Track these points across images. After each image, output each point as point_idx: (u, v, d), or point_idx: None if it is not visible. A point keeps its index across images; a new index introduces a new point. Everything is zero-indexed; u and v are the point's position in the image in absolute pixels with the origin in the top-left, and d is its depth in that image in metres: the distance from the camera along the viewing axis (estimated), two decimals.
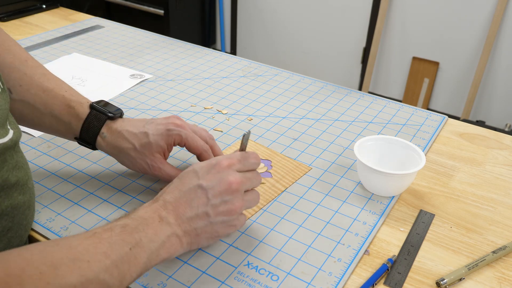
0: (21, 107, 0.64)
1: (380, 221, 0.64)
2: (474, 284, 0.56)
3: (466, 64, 2.40)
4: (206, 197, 0.52)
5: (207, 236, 0.53)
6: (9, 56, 0.64)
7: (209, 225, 0.52)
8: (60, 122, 0.65)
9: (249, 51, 3.11)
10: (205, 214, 0.52)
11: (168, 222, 0.50)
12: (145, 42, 1.22)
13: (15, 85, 0.63)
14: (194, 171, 0.54)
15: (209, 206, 0.52)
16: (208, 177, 0.53)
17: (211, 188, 0.52)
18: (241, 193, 0.53)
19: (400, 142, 0.71)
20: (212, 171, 0.53)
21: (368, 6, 2.55)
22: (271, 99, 0.95)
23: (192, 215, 0.51)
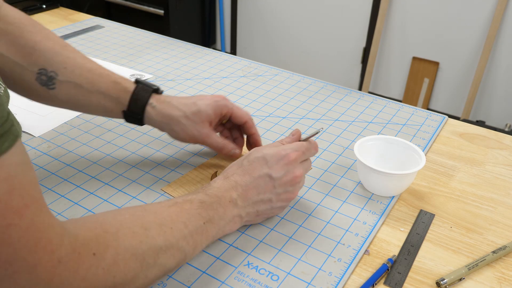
0: (68, 88, 0.66)
1: (380, 221, 0.64)
2: (474, 284, 0.56)
3: (466, 64, 2.40)
4: (273, 186, 0.58)
5: (264, 216, 0.61)
6: (49, 42, 0.66)
7: (269, 209, 0.60)
8: (108, 97, 0.67)
9: (249, 51, 3.11)
10: (269, 200, 0.58)
11: (236, 204, 0.56)
12: (145, 42, 1.22)
13: (59, 68, 0.65)
14: (264, 158, 0.59)
15: (273, 193, 0.58)
16: (277, 167, 0.58)
17: (278, 178, 0.58)
18: (301, 183, 0.61)
19: (400, 142, 0.71)
20: (281, 162, 0.58)
21: (368, 6, 2.54)
22: (271, 99, 0.95)
23: (258, 200, 0.58)
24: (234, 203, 0.56)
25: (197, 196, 0.54)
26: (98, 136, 0.81)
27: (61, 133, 0.81)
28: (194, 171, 0.73)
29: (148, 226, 0.47)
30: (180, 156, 0.76)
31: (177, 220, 0.50)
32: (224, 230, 0.56)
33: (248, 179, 0.58)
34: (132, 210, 0.49)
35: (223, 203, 0.55)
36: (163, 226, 0.48)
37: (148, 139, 0.80)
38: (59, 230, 0.38)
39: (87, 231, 0.42)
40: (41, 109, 0.88)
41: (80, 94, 0.67)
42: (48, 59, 0.65)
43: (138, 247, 0.44)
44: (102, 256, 0.41)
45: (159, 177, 0.71)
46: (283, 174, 0.58)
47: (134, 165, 0.74)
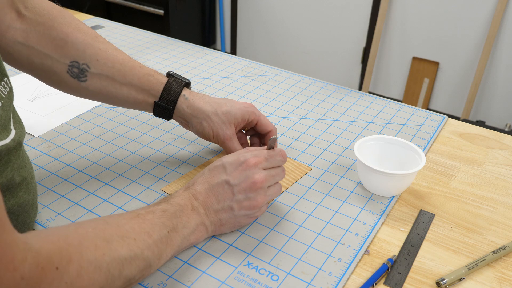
0: (99, 81, 0.66)
1: (380, 221, 0.64)
2: (474, 284, 0.56)
3: (466, 64, 2.40)
4: (232, 193, 0.57)
5: (229, 226, 0.59)
6: (80, 34, 0.66)
7: (232, 217, 0.58)
8: (140, 89, 0.67)
9: (249, 51, 3.11)
10: (229, 207, 0.57)
11: (198, 212, 0.56)
12: (145, 42, 1.22)
13: (92, 60, 0.66)
14: (223, 166, 0.58)
15: (234, 201, 0.57)
16: (235, 174, 0.57)
17: (237, 185, 0.57)
18: (264, 189, 0.58)
19: (400, 142, 0.71)
20: (239, 168, 0.57)
21: (368, 6, 2.54)
22: (271, 99, 0.95)
23: (219, 208, 0.57)
24: (197, 211, 0.56)
25: (159, 206, 0.54)
26: (98, 136, 0.81)
27: (61, 133, 0.81)
28: (194, 171, 0.73)
29: (111, 238, 0.46)
30: (180, 156, 0.76)
31: (140, 231, 0.49)
32: (189, 239, 0.55)
33: (207, 186, 0.57)
34: (93, 224, 0.48)
35: (185, 211, 0.54)
36: (126, 238, 0.47)
37: (148, 139, 0.80)
38: (22, 246, 0.37)
39: (50, 244, 0.41)
40: (41, 109, 0.88)
41: (112, 86, 0.67)
42: (80, 51, 0.65)
43: (101, 259, 0.44)
44: (65, 270, 0.40)
45: (159, 177, 0.71)
46: (242, 180, 0.57)
47: (134, 165, 0.74)
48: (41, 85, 0.97)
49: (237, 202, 0.57)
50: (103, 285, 0.44)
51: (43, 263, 0.38)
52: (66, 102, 0.91)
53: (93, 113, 0.87)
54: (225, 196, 0.57)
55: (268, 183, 0.59)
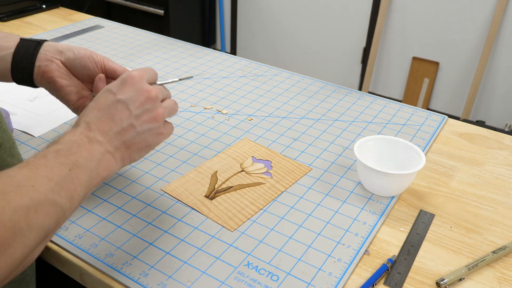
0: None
1: (380, 221, 0.64)
2: (474, 284, 0.56)
3: (466, 64, 2.40)
4: (128, 109, 0.52)
5: (138, 148, 0.54)
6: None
7: (137, 136, 0.53)
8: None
9: (249, 51, 3.11)
10: (130, 125, 0.52)
11: (97, 140, 0.50)
12: (145, 42, 1.22)
13: None
14: (107, 89, 0.54)
15: (132, 117, 0.53)
16: (125, 90, 0.53)
17: (130, 99, 0.53)
18: (159, 100, 0.55)
19: (400, 142, 0.71)
20: (126, 84, 0.54)
21: (368, 6, 2.54)
22: (271, 99, 0.95)
23: (118, 129, 0.52)
24: (95, 140, 0.50)
25: (49, 149, 0.47)
26: None
27: (61, 133, 0.81)
28: (194, 171, 0.73)
29: (4, 190, 0.41)
30: (180, 156, 0.76)
31: (36, 176, 0.43)
32: (99, 172, 0.49)
33: (97, 113, 0.52)
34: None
35: (82, 145, 0.48)
36: (22, 187, 0.42)
37: None
38: None
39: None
40: (41, 109, 0.88)
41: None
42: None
43: (2, 213, 0.39)
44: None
45: (159, 177, 0.71)
46: (134, 93, 0.53)
47: (134, 165, 0.74)
48: None
49: (136, 118, 0.53)
50: (10, 240, 0.39)
51: None
52: None
53: None
54: (122, 115, 0.52)
55: (160, 94, 0.56)
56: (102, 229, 0.61)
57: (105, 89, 0.54)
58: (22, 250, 0.40)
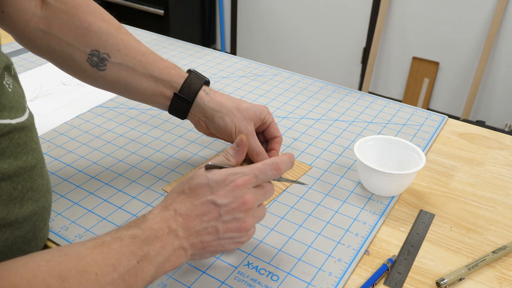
0: (118, 70, 0.66)
1: (380, 221, 0.64)
2: (474, 284, 0.56)
3: (466, 64, 2.40)
4: (218, 213, 0.50)
5: (211, 250, 0.52)
6: (103, 24, 0.66)
7: (216, 240, 0.51)
8: (160, 81, 0.66)
9: (249, 51, 3.11)
10: (214, 229, 0.50)
11: (176, 235, 0.48)
12: (145, 42, 1.21)
13: (113, 50, 0.65)
14: (208, 185, 0.51)
15: (219, 221, 0.50)
16: (222, 193, 0.51)
17: (224, 205, 0.50)
18: (253, 210, 0.52)
19: (400, 142, 0.71)
20: (226, 187, 0.51)
21: (368, 6, 2.54)
22: (271, 99, 0.95)
23: (201, 229, 0.50)
24: (175, 234, 0.48)
25: (128, 231, 0.46)
26: (98, 136, 0.81)
27: (61, 133, 0.81)
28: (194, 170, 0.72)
29: (66, 275, 0.39)
30: (180, 156, 0.76)
31: (103, 262, 0.42)
32: (164, 267, 0.47)
33: (189, 206, 0.50)
34: (48, 256, 0.41)
35: (160, 236, 0.47)
36: (85, 273, 0.40)
37: (148, 139, 0.80)
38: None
39: None
40: (41, 109, 0.88)
41: (131, 76, 0.66)
42: (102, 40, 0.64)
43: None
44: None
45: (159, 177, 0.71)
46: (231, 200, 0.50)
47: (134, 165, 0.74)
48: (41, 85, 0.97)
49: (223, 223, 0.50)
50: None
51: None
52: (66, 102, 0.91)
53: (93, 113, 0.87)
54: (210, 216, 0.50)
55: (258, 202, 0.53)
56: (102, 229, 0.61)
57: (207, 182, 0.51)
58: None
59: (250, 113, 0.66)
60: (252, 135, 0.66)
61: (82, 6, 0.65)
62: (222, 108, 0.66)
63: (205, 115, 0.67)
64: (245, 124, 0.66)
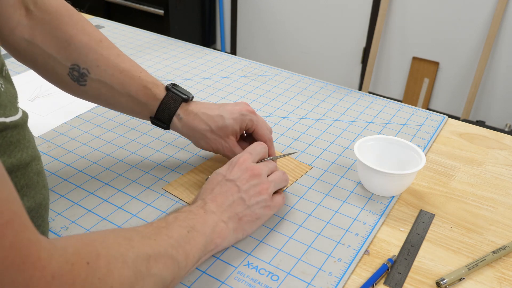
0: (99, 87, 0.66)
1: (380, 221, 0.64)
2: (474, 284, 0.56)
3: (466, 64, 2.40)
4: (236, 186, 0.58)
5: (248, 220, 0.58)
6: (84, 37, 0.65)
7: (247, 209, 0.58)
8: (137, 102, 0.67)
9: (249, 51, 3.11)
10: (240, 199, 0.58)
11: (212, 211, 0.55)
12: (145, 42, 1.22)
13: (92, 66, 0.65)
14: (217, 172, 0.61)
15: (241, 192, 0.58)
16: (232, 172, 0.59)
17: (237, 178, 0.59)
18: (264, 176, 0.60)
19: (400, 142, 0.71)
20: (234, 167, 0.60)
21: (368, 6, 2.54)
22: (271, 99, 0.95)
23: (230, 203, 0.57)
24: (210, 211, 0.55)
25: (168, 216, 0.53)
26: (98, 136, 0.81)
27: (61, 133, 0.81)
28: (194, 171, 0.73)
29: (131, 238, 0.45)
30: (180, 156, 0.76)
31: (158, 232, 0.48)
32: (213, 237, 0.53)
33: (210, 192, 0.58)
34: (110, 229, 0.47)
35: (197, 214, 0.54)
36: (145, 239, 0.46)
37: (148, 139, 0.80)
38: (46, 244, 0.35)
39: (75, 241, 0.40)
40: (41, 109, 0.88)
41: (110, 94, 0.66)
42: (82, 55, 0.64)
43: (126, 254, 0.42)
44: (96, 264, 0.38)
45: (159, 177, 0.71)
46: (240, 173, 0.59)
47: (134, 165, 0.74)
48: (41, 85, 0.97)
49: (245, 192, 0.58)
50: (132, 281, 0.42)
51: (72, 259, 0.37)
52: (66, 102, 0.91)
53: (93, 113, 0.87)
54: (232, 190, 0.58)
55: (264, 169, 0.61)
56: (102, 229, 0.61)
57: (215, 172, 0.61)
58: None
59: (226, 130, 0.68)
60: (231, 151, 0.69)
61: (65, 17, 0.65)
62: (196, 133, 0.68)
63: (183, 135, 0.70)
64: (222, 143, 0.68)
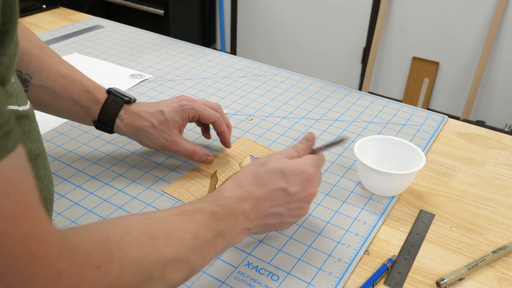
0: (41, 92, 0.66)
1: (380, 221, 0.64)
2: (474, 284, 0.56)
3: (466, 64, 2.40)
4: (287, 201, 0.54)
5: (269, 230, 0.57)
6: (27, 44, 0.65)
7: (277, 223, 0.56)
8: (79, 106, 0.68)
9: (249, 51, 3.11)
10: (280, 214, 0.55)
11: (247, 217, 0.52)
12: (145, 42, 1.22)
13: (35, 71, 0.65)
14: (282, 171, 0.55)
15: (286, 208, 0.55)
16: (294, 182, 0.54)
17: (294, 194, 0.54)
18: (314, 196, 0.57)
19: (400, 142, 0.71)
20: (299, 177, 0.55)
21: (368, 6, 2.54)
22: (271, 99, 0.95)
23: (269, 213, 0.54)
24: (245, 216, 0.52)
25: (208, 205, 0.50)
26: (98, 136, 0.81)
27: (61, 133, 0.81)
28: (194, 171, 0.73)
29: (156, 235, 0.43)
30: (180, 156, 0.76)
31: (186, 230, 0.46)
32: (231, 243, 0.52)
33: (263, 191, 0.54)
34: (137, 217, 0.45)
35: (234, 216, 0.51)
36: (171, 237, 0.44)
37: None
38: (58, 240, 0.34)
39: (89, 240, 0.38)
40: None
41: (53, 99, 0.67)
42: (25, 61, 0.64)
43: (144, 258, 0.41)
44: (108, 268, 0.37)
45: (159, 177, 0.71)
46: (301, 190, 0.55)
47: (134, 165, 0.74)
48: None
49: (288, 210, 0.55)
50: (141, 286, 0.40)
51: (82, 260, 0.36)
52: None
53: None
54: (280, 202, 0.54)
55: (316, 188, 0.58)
56: None
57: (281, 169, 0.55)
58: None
59: (168, 124, 0.68)
60: (176, 144, 0.69)
61: None
62: (139, 131, 0.69)
63: (127, 136, 0.70)
64: (166, 137, 0.68)
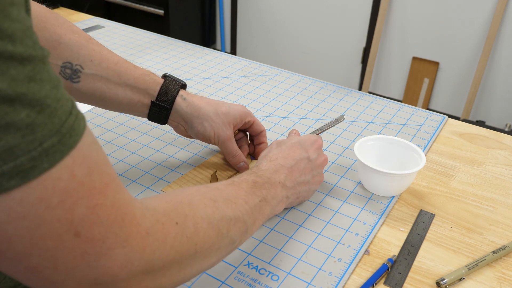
0: (93, 81, 0.65)
1: (380, 221, 0.64)
2: (474, 284, 0.56)
3: (466, 64, 2.40)
4: (311, 168, 0.63)
5: (300, 199, 0.64)
6: (74, 36, 0.65)
7: (306, 190, 0.63)
8: (135, 90, 0.67)
9: (249, 51, 3.11)
10: (308, 181, 0.63)
11: (284, 185, 0.59)
12: (145, 42, 1.22)
13: (85, 61, 0.65)
14: (300, 144, 0.64)
15: (311, 175, 0.63)
16: (312, 150, 0.64)
17: (314, 160, 0.63)
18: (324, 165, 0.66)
19: (400, 142, 0.71)
20: (314, 145, 0.64)
21: (368, 6, 2.54)
22: (271, 99, 0.95)
23: (300, 181, 0.61)
24: (283, 184, 0.58)
25: (249, 176, 0.56)
26: (98, 136, 0.81)
27: None
28: (194, 171, 0.73)
29: (216, 199, 0.48)
30: (180, 156, 0.76)
31: (237, 196, 0.51)
32: (275, 210, 0.58)
33: (291, 162, 0.60)
34: (196, 188, 0.49)
35: (273, 184, 0.57)
36: (228, 201, 0.49)
37: (148, 139, 0.80)
38: (139, 204, 0.38)
39: (164, 203, 0.42)
40: None
41: (106, 87, 0.66)
42: (74, 52, 0.64)
43: (212, 216, 0.45)
44: (184, 224, 0.41)
45: (159, 177, 0.71)
46: (317, 156, 0.64)
47: (134, 165, 0.74)
48: None
49: (312, 177, 0.63)
50: (214, 241, 0.44)
51: (162, 219, 0.39)
52: None
53: (93, 113, 0.87)
54: (306, 170, 0.62)
55: None
56: None
57: (298, 142, 0.64)
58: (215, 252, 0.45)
59: (229, 117, 0.69)
60: (230, 140, 0.70)
61: (50, 19, 0.64)
62: (201, 113, 0.68)
63: (184, 120, 0.69)
64: (224, 129, 0.69)
